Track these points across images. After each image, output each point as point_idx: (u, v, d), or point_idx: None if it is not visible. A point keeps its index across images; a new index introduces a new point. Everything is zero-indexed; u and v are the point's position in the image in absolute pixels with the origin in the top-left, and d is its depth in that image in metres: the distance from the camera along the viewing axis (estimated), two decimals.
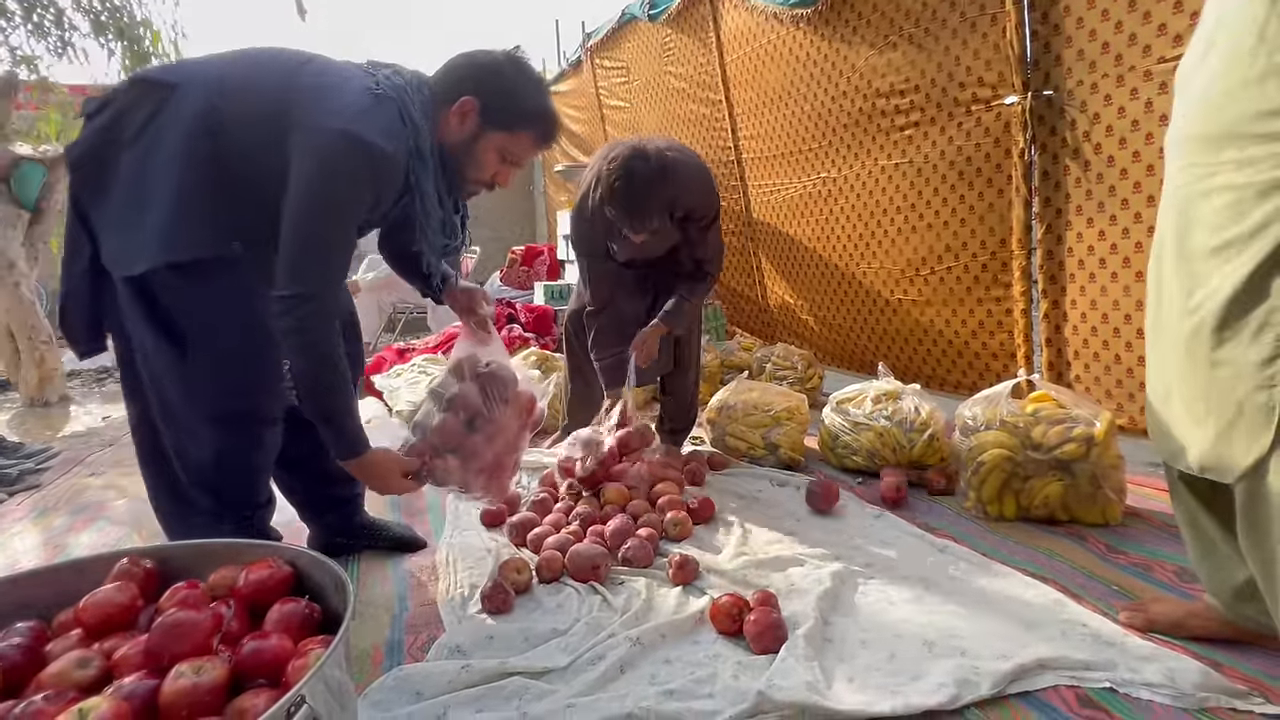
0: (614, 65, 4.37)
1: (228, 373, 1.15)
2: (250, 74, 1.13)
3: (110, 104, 1.11)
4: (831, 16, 2.48)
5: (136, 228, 1.07)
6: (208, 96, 1.09)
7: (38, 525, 1.82)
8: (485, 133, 1.16)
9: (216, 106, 1.08)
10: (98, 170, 1.09)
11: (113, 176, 1.08)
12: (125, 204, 1.08)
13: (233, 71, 1.13)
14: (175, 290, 1.09)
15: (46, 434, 2.90)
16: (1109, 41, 1.72)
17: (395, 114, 1.09)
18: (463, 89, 1.14)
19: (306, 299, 1.06)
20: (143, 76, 1.13)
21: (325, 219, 1.07)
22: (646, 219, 1.57)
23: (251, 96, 1.10)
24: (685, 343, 2.04)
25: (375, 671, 1.08)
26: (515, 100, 1.15)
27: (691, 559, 1.34)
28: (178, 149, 1.07)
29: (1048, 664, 1.01)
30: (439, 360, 2.95)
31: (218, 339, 1.13)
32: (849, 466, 1.98)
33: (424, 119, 1.12)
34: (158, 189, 1.06)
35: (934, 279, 2.37)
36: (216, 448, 1.17)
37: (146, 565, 0.90)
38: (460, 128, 1.15)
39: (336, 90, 1.09)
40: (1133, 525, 1.54)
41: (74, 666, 0.71)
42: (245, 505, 1.26)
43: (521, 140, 1.18)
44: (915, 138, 2.28)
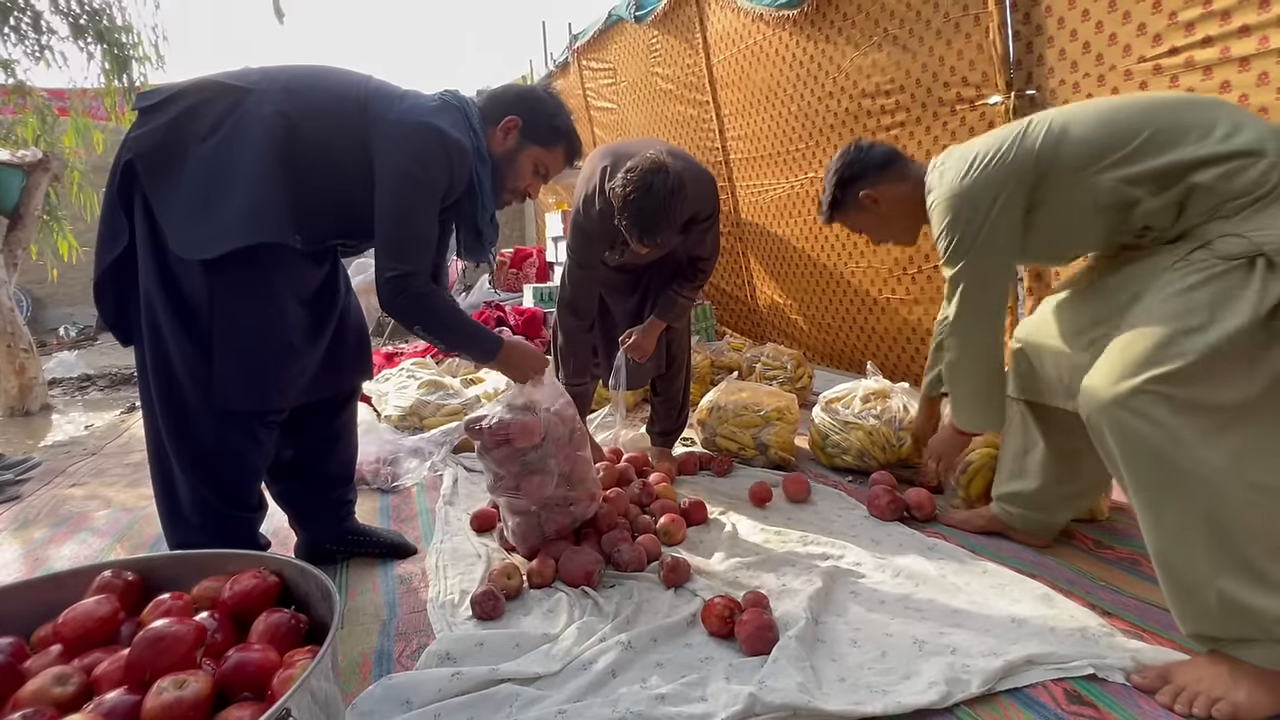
0: (601, 66, 4.36)
1: (249, 370, 1.18)
2: (321, 79, 1.23)
3: (174, 100, 1.14)
4: (817, 18, 2.50)
5: (216, 213, 1.11)
6: (285, 97, 1.16)
7: (18, 537, 1.79)
8: (525, 146, 1.33)
9: (293, 106, 1.16)
10: (166, 162, 1.12)
11: (182, 168, 1.12)
12: (201, 193, 1.11)
13: (302, 77, 1.21)
14: (211, 281, 1.13)
15: (28, 444, 2.85)
16: (1090, 41, 1.74)
17: (462, 118, 1.26)
18: (508, 110, 1.31)
19: (413, 275, 1.19)
20: (214, 79, 1.17)
21: (418, 201, 1.19)
22: (661, 234, 1.56)
23: (327, 98, 1.20)
24: (677, 344, 2.04)
25: (364, 681, 1.07)
26: (551, 120, 1.33)
27: (683, 561, 1.34)
28: (259, 142, 1.12)
29: (1036, 659, 1.02)
30: (427, 364, 2.94)
31: (242, 335, 1.16)
32: (839, 465, 1.98)
33: (480, 128, 1.29)
34: (239, 178, 1.11)
35: (921, 278, 2.38)
36: (221, 446, 1.20)
37: (129, 577, 0.88)
38: (504, 141, 1.32)
39: (407, 94, 1.25)
40: (1119, 520, 1.55)
41: (53, 683, 0.70)
42: (242, 507, 1.27)
43: (555, 155, 1.36)
44: (901, 137, 2.30)
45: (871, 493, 1.67)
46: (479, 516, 1.64)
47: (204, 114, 1.14)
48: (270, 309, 1.18)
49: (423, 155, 1.18)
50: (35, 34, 4.07)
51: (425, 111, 1.20)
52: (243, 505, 1.27)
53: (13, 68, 4.05)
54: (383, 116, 1.19)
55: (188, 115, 1.14)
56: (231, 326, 1.15)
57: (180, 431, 1.19)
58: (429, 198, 1.20)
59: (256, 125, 1.14)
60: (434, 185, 1.20)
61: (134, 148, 1.13)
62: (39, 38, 4.08)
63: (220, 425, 1.18)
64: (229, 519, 1.23)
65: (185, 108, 1.14)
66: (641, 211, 1.51)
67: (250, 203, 1.11)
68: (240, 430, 1.21)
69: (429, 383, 2.54)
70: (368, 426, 2.33)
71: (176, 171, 1.12)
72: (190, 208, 1.11)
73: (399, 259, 1.19)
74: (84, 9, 4.23)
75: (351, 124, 1.19)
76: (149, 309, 1.15)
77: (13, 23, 3.98)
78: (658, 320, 1.86)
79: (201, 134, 1.13)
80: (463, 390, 2.55)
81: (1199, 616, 0.94)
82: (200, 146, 1.13)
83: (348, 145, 1.18)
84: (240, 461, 1.23)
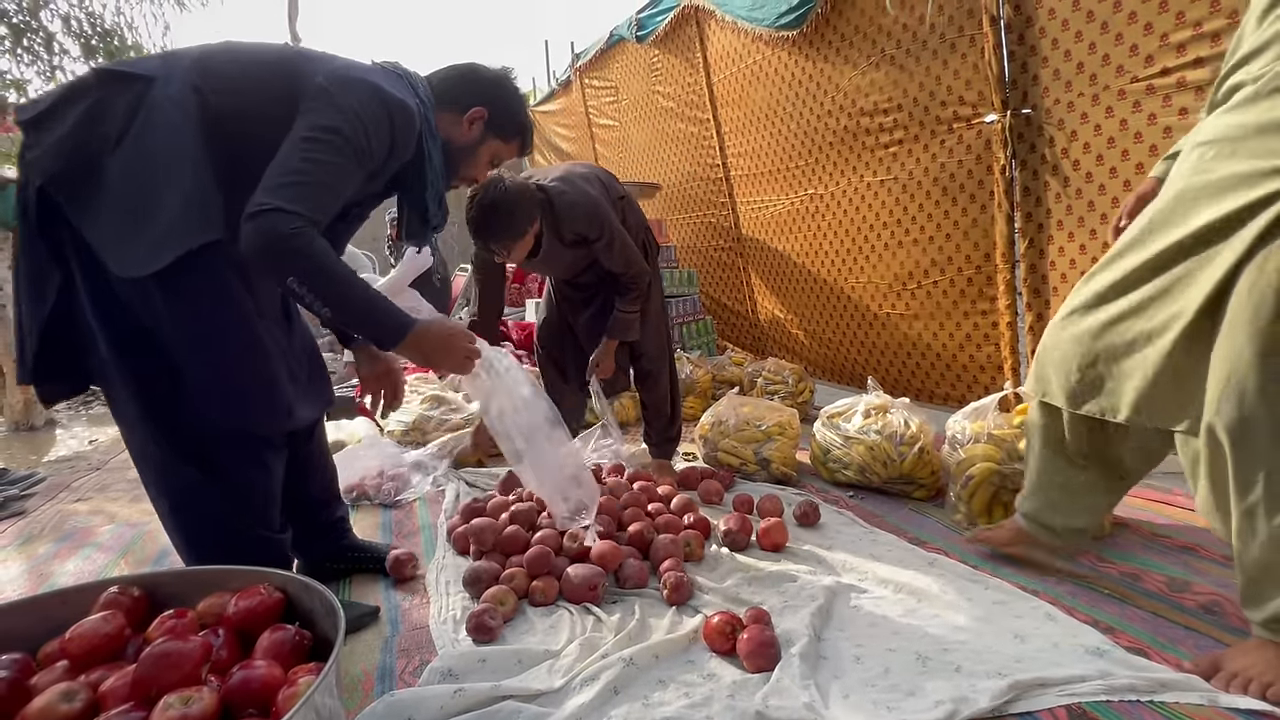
0: (603, 85, 4.43)
1: (228, 386, 1.09)
2: (236, 50, 1.10)
3: (65, 105, 1.00)
4: (815, 38, 2.54)
5: (149, 221, 0.99)
6: (197, 73, 1.03)
7: (22, 553, 1.79)
8: (487, 139, 1.29)
9: (206, 81, 1.03)
10: (82, 178, 0.99)
11: (100, 181, 0.99)
12: (129, 203, 0.99)
13: (214, 51, 1.09)
14: (165, 298, 1.02)
15: (31, 459, 2.86)
16: (1083, 62, 1.77)
17: (409, 88, 1.17)
18: (473, 98, 1.25)
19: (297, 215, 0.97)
20: (103, 69, 1.02)
21: (335, 151, 1.02)
22: (486, 239, 1.74)
23: (249, 66, 1.07)
24: (645, 355, 2.08)
25: (367, 698, 1.07)
26: (516, 115, 1.31)
27: (686, 578, 1.34)
28: (177, 128, 1.00)
29: (1046, 682, 1.01)
30: (429, 379, 2.95)
31: (209, 349, 1.06)
32: (841, 481, 1.99)
33: (428, 101, 1.20)
34: (163, 175, 1.00)
35: (921, 293, 2.40)
36: (232, 474, 1.13)
37: (134, 593, 0.89)
38: (469, 131, 1.27)
39: (339, 56, 1.15)
40: (1121, 536, 1.55)
41: (60, 699, 0.70)
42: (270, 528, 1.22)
43: (511, 147, 1.34)
44: (900, 155, 2.33)
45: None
46: (458, 539, 1.58)
47: (106, 114, 1.00)
48: (235, 314, 1.07)
49: (360, 113, 1.04)
50: (48, 54, 4.15)
51: (363, 70, 1.11)
52: (269, 526, 1.22)
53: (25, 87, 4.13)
54: (313, 77, 1.06)
55: (88, 119, 1.00)
56: (201, 342, 1.05)
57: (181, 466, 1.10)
58: (351, 156, 1.04)
59: (170, 110, 1.00)
60: (364, 147, 1.06)
61: (39, 171, 0.98)
62: (51, 58, 4.17)
63: (222, 451, 1.11)
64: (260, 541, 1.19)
65: (82, 112, 1.00)
66: (469, 219, 1.73)
67: (181, 201, 0.99)
68: (245, 455, 1.14)
69: (431, 398, 2.55)
70: (370, 441, 2.34)
71: (95, 186, 0.99)
72: (121, 223, 0.99)
73: (286, 196, 0.97)
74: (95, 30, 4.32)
75: (281, 92, 1.05)
76: (120, 348, 1.05)
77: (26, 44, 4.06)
78: (609, 339, 1.98)
79: (112, 136, 0.99)
80: (465, 405, 2.56)
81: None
82: (115, 152, 0.99)
83: (279, 116, 1.03)
84: (252, 490, 1.17)
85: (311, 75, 1.07)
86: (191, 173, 1.00)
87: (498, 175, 1.68)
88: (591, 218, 1.84)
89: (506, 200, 1.70)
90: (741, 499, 1.77)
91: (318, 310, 1.02)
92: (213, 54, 1.08)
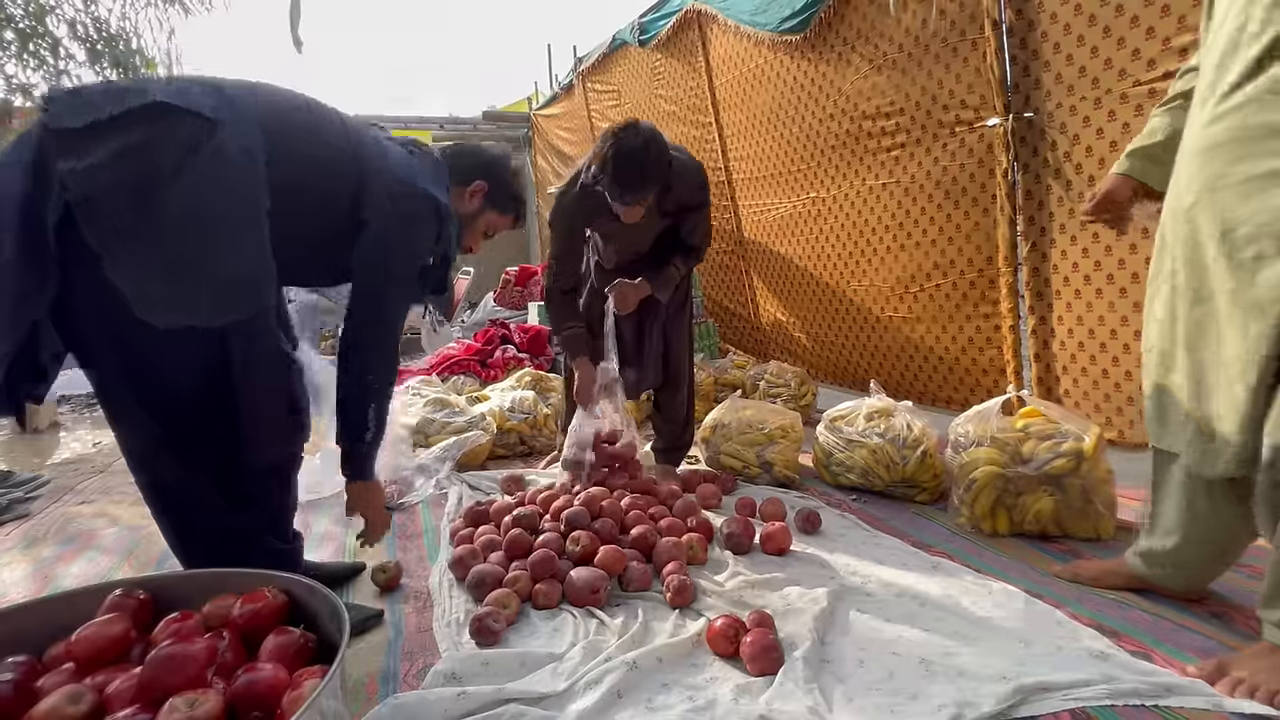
0: (605, 89, 4.44)
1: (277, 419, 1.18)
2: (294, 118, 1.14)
3: (117, 130, 0.95)
4: (818, 42, 2.54)
5: (202, 274, 0.99)
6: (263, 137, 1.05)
7: (27, 555, 1.80)
8: (485, 211, 1.43)
9: (275, 150, 1.07)
10: (130, 206, 0.94)
11: (150, 215, 0.95)
12: (179, 250, 0.97)
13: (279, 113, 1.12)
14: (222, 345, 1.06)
15: (35, 461, 2.87)
16: (1085, 66, 1.77)
17: (446, 179, 1.32)
18: (474, 173, 1.39)
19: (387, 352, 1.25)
20: (169, 105, 0.98)
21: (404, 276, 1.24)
22: (637, 189, 1.62)
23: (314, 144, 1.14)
24: (676, 355, 2.06)
25: (370, 700, 1.07)
26: (511, 189, 1.45)
27: (689, 582, 1.34)
28: (245, 197, 1.02)
29: (1050, 686, 1.01)
30: (433, 382, 2.95)
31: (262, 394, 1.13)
32: (843, 484, 1.98)
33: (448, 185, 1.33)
34: (229, 238, 1.01)
35: (923, 296, 2.40)
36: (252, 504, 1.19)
37: (140, 596, 0.89)
38: (469, 203, 1.40)
39: (390, 148, 1.25)
40: (1125, 539, 1.54)
41: (66, 702, 0.71)
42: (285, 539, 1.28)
43: (506, 219, 1.47)
44: (902, 158, 2.33)
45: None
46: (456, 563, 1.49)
47: (160, 148, 0.96)
48: (283, 361, 1.17)
49: (422, 230, 1.23)
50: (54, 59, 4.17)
51: (421, 177, 1.24)
52: (284, 539, 1.27)
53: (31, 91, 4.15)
54: (379, 176, 1.18)
55: (140, 151, 0.95)
56: (251, 386, 1.10)
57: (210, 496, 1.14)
58: (415, 268, 1.26)
59: (241, 166, 1.02)
60: (422, 255, 1.26)
61: (77, 187, 0.91)
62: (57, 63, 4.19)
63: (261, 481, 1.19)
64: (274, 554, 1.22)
65: (135, 143, 0.95)
66: (617, 166, 1.58)
67: (251, 260, 1.03)
68: (280, 481, 1.24)
69: (435, 401, 2.56)
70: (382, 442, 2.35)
71: (142, 218, 0.94)
72: (172, 263, 0.97)
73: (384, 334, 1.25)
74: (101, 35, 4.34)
75: (343, 171, 1.16)
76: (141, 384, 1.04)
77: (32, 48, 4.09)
78: (645, 283, 1.90)
79: (164, 173, 0.95)
80: (468, 408, 2.56)
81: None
82: (165, 190, 0.95)
83: (336, 192, 1.15)
84: (283, 511, 1.25)
85: (378, 172, 1.18)
86: (258, 234, 1.04)
87: (628, 120, 1.64)
88: (698, 185, 1.82)
89: (657, 141, 1.61)
90: (744, 502, 1.77)
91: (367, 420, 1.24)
92: (279, 119, 1.10)
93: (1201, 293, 1.05)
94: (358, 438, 1.26)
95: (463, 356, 3.46)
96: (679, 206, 1.82)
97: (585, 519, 1.56)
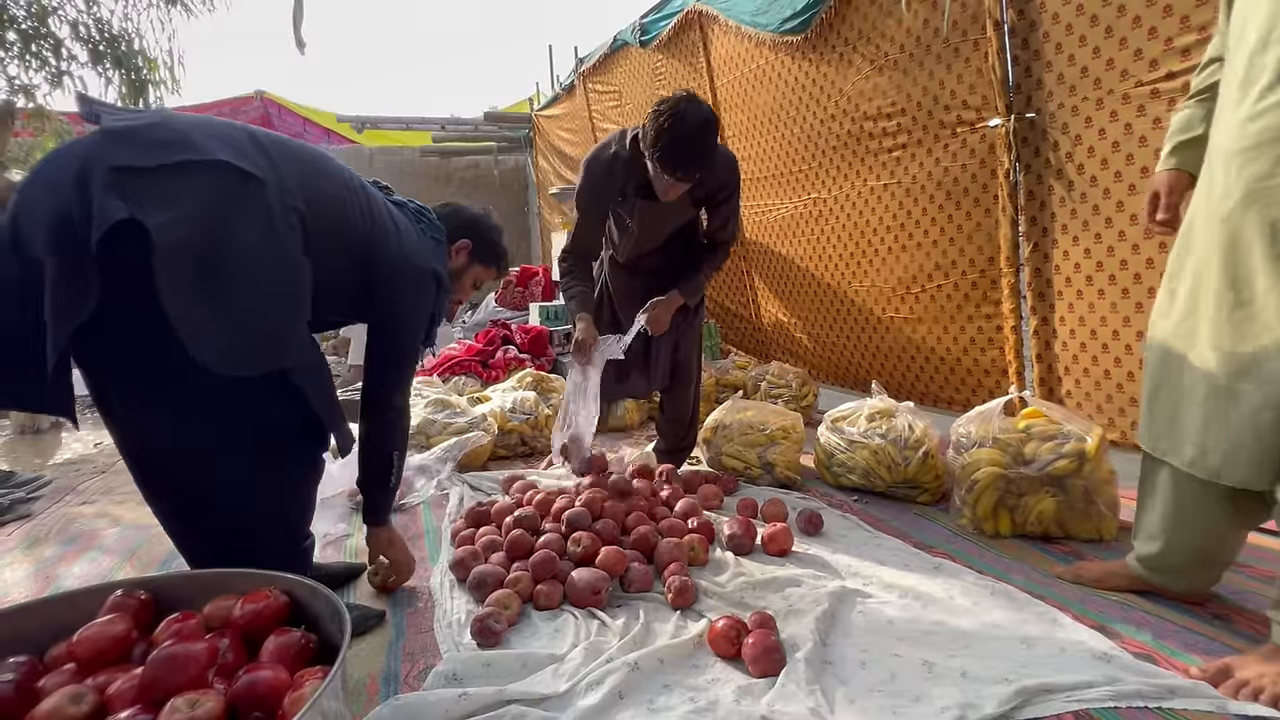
0: (606, 90, 4.44)
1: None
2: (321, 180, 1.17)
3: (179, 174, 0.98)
4: (819, 43, 2.54)
5: (252, 323, 1.03)
6: (298, 195, 1.10)
7: (28, 556, 1.80)
8: (471, 266, 1.53)
9: (308, 208, 1.11)
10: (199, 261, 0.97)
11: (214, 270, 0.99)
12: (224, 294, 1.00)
13: (308, 172, 1.15)
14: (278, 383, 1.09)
15: (37, 462, 2.87)
16: (1087, 66, 1.77)
17: (445, 248, 1.43)
18: (460, 232, 1.49)
19: (406, 403, 1.38)
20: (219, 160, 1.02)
21: (415, 339, 1.36)
22: (692, 166, 1.55)
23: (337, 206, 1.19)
24: (685, 355, 2.06)
25: (371, 701, 1.07)
26: (494, 246, 1.56)
27: (690, 583, 1.34)
28: (283, 240, 1.07)
29: (1053, 688, 1.00)
30: (434, 383, 2.96)
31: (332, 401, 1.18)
32: (845, 485, 1.98)
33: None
34: (271, 283, 1.05)
35: (925, 297, 2.40)
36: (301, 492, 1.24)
37: (141, 596, 0.89)
38: (455, 259, 1.50)
39: (397, 217, 1.33)
40: (1127, 541, 1.54)
41: (67, 702, 0.71)
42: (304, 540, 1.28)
43: (490, 271, 1.58)
44: (903, 159, 2.33)
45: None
46: (458, 564, 1.49)
47: (205, 195, 0.99)
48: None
49: (425, 301, 1.34)
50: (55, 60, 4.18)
51: (426, 255, 1.34)
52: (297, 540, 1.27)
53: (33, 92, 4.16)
54: (386, 248, 1.26)
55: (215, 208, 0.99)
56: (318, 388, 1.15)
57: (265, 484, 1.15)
58: (423, 331, 1.37)
59: (286, 220, 1.07)
60: (425, 324, 1.37)
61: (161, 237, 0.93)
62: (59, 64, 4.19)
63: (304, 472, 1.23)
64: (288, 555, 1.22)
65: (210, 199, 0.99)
66: (674, 140, 1.49)
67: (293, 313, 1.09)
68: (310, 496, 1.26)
69: (436, 401, 2.56)
70: None
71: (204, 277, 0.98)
72: (213, 313, 0.99)
73: (401, 389, 1.37)
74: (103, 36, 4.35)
75: (358, 235, 1.22)
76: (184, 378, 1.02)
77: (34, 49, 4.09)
78: (678, 295, 1.88)
79: (208, 218, 0.98)
80: (469, 409, 2.56)
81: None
82: (207, 233, 0.98)
83: (348, 248, 1.21)
84: (305, 513, 1.26)
85: (384, 245, 1.26)
86: (299, 286, 1.10)
87: (686, 93, 1.55)
88: (733, 170, 1.78)
89: (715, 122, 1.54)
90: (745, 503, 1.76)
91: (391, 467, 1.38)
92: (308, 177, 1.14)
93: (1244, 296, 1.02)
94: (383, 484, 1.38)
95: (464, 357, 3.46)
96: (709, 195, 1.78)
97: (586, 520, 1.56)
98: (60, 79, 4.22)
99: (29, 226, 0.95)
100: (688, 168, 1.55)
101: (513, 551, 1.48)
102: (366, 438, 1.36)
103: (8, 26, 3.99)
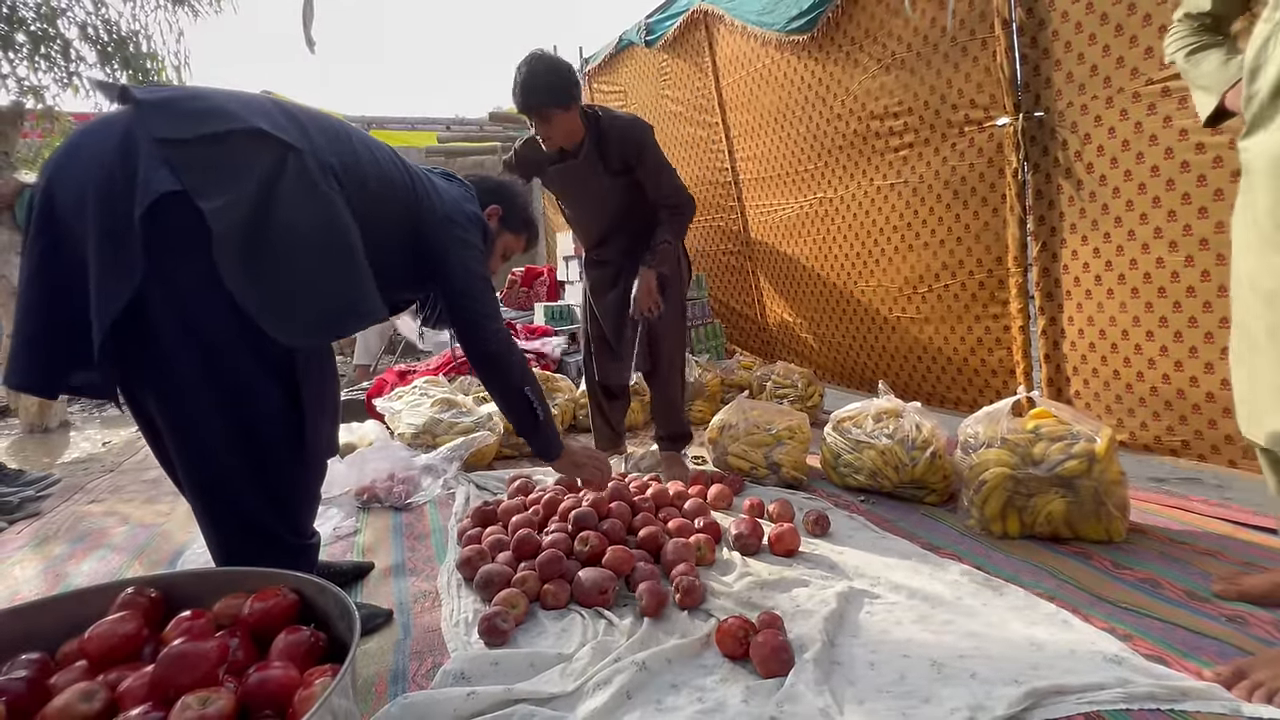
0: (612, 90, 4.44)
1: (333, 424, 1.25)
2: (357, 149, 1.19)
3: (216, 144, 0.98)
4: (825, 42, 2.54)
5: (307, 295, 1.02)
6: (337, 164, 1.11)
7: (38, 554, 1.81)
8: (502, 232, 1.54)
9: (348, 177, 1.12)
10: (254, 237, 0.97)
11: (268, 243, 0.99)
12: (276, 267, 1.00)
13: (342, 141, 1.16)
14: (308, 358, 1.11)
15: (45, 461, 2.89)
16: (1096, 64, 1.76)
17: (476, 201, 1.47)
18: (490, 198, 1.51)
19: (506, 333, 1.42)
20: (259, 130, 1.02)
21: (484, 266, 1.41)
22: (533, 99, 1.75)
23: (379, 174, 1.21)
24: (663, 343, 2.08)
25: (380, 700, 1.07)
26: (524, 212, 1.57)
27: (698, 583, 1.33)
28: (339, 220, 1.07)
29: (1064, 690, 0.99)
30: (439, 382, 2.96)
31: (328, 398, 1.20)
32: (851, 485, 1.97)
33: None
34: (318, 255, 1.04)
35: (932, 296, 2.39)
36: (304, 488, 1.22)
37: (151, 594, 0.89)
38: (489, 225, 1.49)
39: (435, 178, 1.41)
40: (1137, 542, 1.53)
41: (79, 699, 0.71)
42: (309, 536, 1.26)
43: (520, 241, 1.59)
44: (910, 158, 2.32)
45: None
46: (464, 563, 1.48)
47: (251, 169, 0.99)
48: (334, 371, 1.23)
49: (478, 238, 1.40)
50: (64, 61, 4.21)
51: (468, 201, 1.41)
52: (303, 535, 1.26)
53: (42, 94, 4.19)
54: (435, 206, 1.32)
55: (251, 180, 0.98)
56: (319, 390, 1.15)
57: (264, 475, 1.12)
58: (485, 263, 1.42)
59: (320, 196, 1.05)
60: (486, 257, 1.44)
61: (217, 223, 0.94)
62: (68, 65, 4.22)
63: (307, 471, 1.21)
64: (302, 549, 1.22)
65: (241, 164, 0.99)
66: (519, 84, 1.75)
67: (345, 286, 1.08)
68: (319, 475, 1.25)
69: (442, 401, 2.56)
70: (381, 444, 2.35)
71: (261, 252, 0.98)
72: (270, 286, 0.99)
73: (495, 316, 1.41)
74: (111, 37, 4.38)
75: (405, 201, 1.26)
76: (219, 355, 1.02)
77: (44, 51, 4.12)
78: (648, 268, 1.95)
79: (258, 196, 0.98)
80: (475, 408, 2.56)
81: None
82: (256, 211, 0.98)
83: (398, 217, 1.25)
84: (314, 500, 1.26)
85: (433, 204, 1.32)
86: (355, 256, 1.09)
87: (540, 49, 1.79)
88: (634, 128, 1.89)
89: (557, 63, 1.76)
90: (752, 503, 1.76)
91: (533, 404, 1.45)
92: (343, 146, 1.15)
93: None
94: (533, 424, 1.47)
95: None
96: (622, 160, 1.88)
97: (593, 519, 1.56)
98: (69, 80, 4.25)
99: (68, 199, 0.96)
100: (528, 99, 1.76)
101: (520, 551, 1.48)
102: (497, 393, 1.45)
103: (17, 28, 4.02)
